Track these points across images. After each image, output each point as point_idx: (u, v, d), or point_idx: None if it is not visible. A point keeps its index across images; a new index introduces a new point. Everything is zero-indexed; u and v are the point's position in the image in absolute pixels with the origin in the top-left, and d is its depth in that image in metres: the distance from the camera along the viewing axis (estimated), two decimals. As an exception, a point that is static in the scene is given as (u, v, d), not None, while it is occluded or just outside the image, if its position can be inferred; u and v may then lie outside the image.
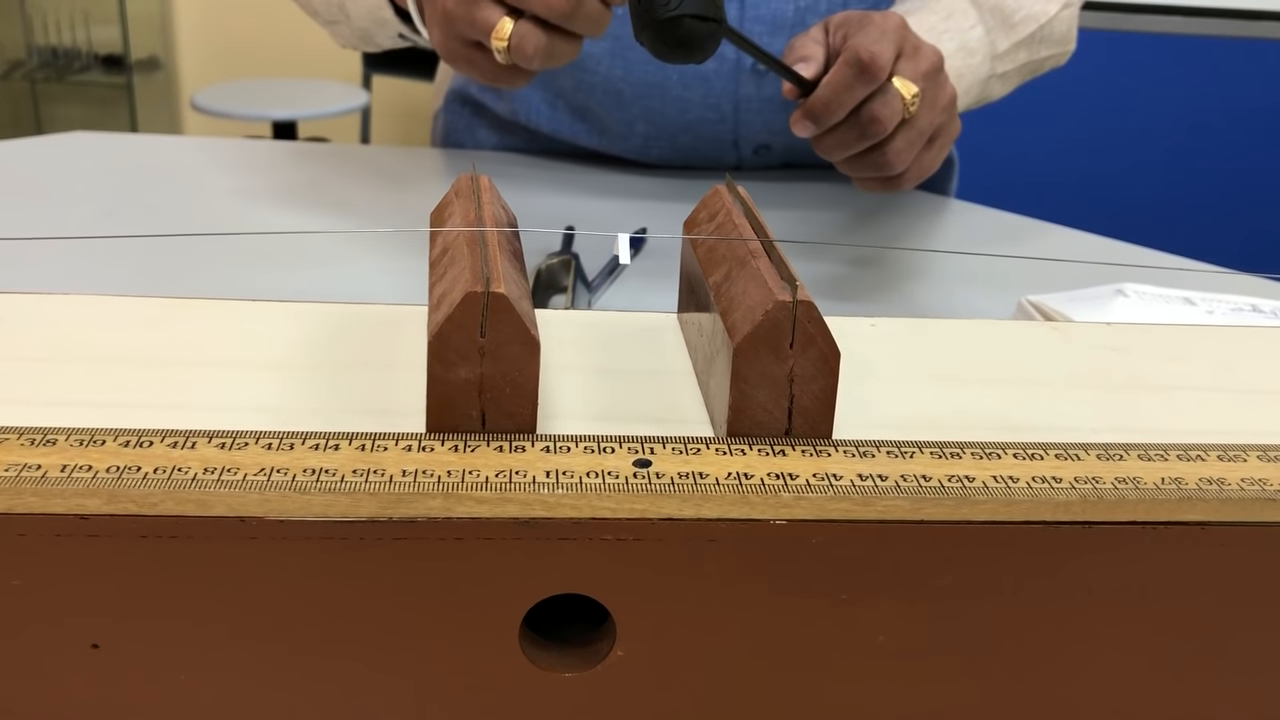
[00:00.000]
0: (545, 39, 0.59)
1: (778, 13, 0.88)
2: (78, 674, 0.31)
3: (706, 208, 0.42)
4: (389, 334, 0.41)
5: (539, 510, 0.30)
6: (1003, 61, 0.84)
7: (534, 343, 0.32)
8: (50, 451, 0.30)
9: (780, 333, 0.33)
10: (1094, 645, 0.33)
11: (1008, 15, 0.84)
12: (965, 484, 0.32)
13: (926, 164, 0.69)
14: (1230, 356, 0.44)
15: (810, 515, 0.31)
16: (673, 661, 0.32)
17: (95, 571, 0.30)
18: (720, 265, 0.37)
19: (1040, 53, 0.87)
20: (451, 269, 0.34)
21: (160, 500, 0.29)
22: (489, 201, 0.40)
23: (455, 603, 0.31)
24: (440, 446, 0.32)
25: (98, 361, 0.38)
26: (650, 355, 0.41)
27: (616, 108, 0.93)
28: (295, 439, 0.31)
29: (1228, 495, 0.32)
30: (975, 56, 0.81)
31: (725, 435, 0.34)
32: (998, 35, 0.83)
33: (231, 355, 0.39)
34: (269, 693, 0.32)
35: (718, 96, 0.91)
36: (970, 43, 0.81)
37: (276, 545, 0.30)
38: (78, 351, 0.39)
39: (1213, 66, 2.18)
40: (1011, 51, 0.84)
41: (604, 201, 0.89)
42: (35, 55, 3.33)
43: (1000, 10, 0.84)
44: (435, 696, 0.32)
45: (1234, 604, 0.33)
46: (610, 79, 0.91)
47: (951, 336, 0.45)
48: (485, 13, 0.60)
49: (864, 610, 0.32)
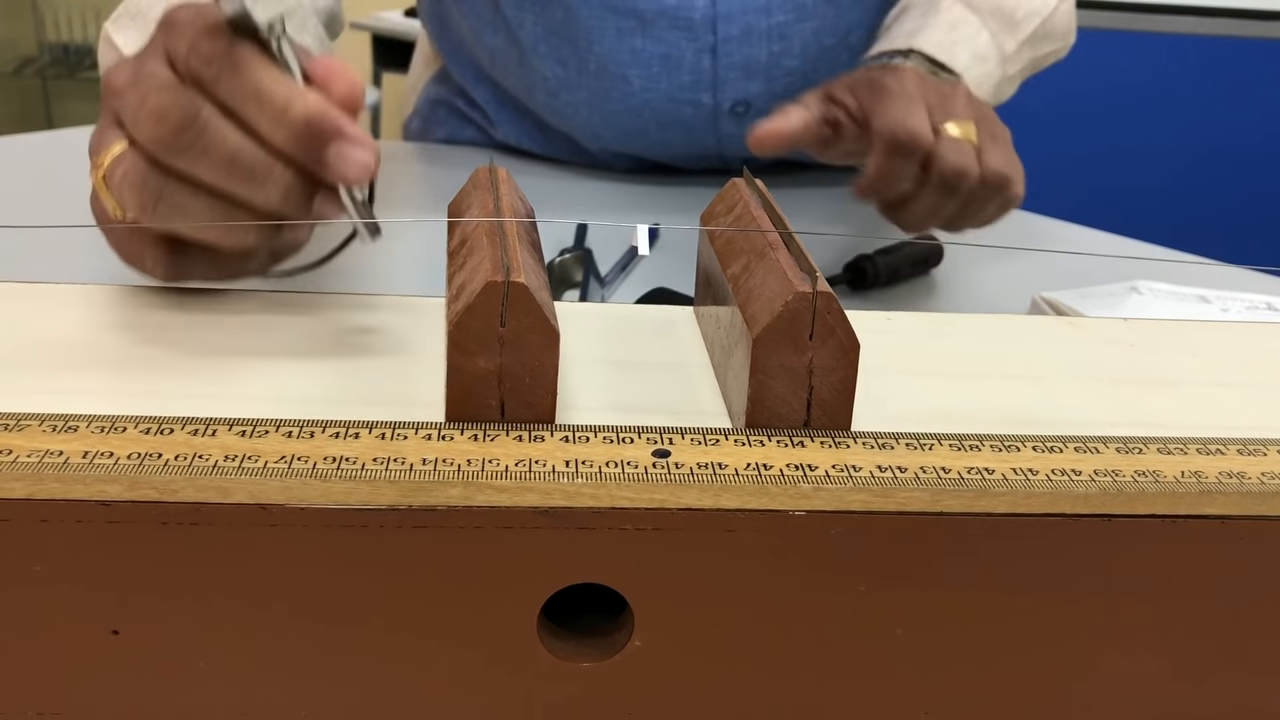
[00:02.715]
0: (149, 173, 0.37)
1: (751, 59, 0.87)
2: (98, 660, 0.31)
3: (724, 200, 0.42)
4: (408, 325, 0.41)
5: (558, 499, 0.30)
6: (1012, 62, 0.84)
7: (554, 333, 0.32)
8: (72, 438, 0.30)
9: (800, 324, 0.32)
10: (1112, 638, 0.33)
11: (1009, 14, 0.83)
12: (985, 476, 0.32)
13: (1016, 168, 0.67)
14: (1245, 352, 0.44)
15: (829, 506, 0.31)
16: (690, 652, 0.32)
17: (116, 558, 0.30)
18: (739, 257, 0.37)
19: (1043, 48, 0.86)
20: (471, 259, 0.34)
21: (181, 487, 0.29)
22: (507, 193, 0.40)
23: (474, 591, 0.31)
24: (460, 436, 0.32)
25: (116, 350, 0.38)
26: (667, 348, 0.41)
27: (596, 142, 0.94)
28: (316, 427, 0.31)
29: (1248, 489, 0.32)
30: (988, 63, 0.81)
31: (744, 426, 0.34)
32: (1004, 37, 0.83)
33: (250, 344, 0.39)
34: (287, 679, 0.32)
35: (700, 135, 0.91)
36: (981, 49, 0.80)
37: (297, 533, 0.30)
38: (96, 340, 0.39)
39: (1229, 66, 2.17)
40: (1019, 51, 0.84)
41: (604, 202, 0.89)
42: (46, 52, 3.34)
43: (1000, 11, 0.83)
44: (454, 685, 0.32)
45: (1253, 597, 0.33)
46: (589, 125, 0.92)
47: (967, 331, 0.44)
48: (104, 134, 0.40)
49: (882, 602, 0.32)
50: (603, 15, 0.85)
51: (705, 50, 0.86)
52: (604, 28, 0.85)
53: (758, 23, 0.86)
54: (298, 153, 0.37)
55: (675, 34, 0.86)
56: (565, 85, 0.89)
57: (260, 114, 0.37)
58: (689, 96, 0.88)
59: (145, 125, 0.37)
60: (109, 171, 0.38)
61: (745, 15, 0.85)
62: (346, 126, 0.38)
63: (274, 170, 0.38)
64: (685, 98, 0.88)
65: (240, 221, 0.38)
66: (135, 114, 0.37)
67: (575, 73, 0.88)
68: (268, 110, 0.37)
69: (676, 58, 0.86)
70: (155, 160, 0.37)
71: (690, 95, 0.88)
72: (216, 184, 0.38)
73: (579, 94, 0.89)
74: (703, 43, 0.86)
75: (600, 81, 0.88)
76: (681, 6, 0.85)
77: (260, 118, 0.37)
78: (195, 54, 0.37)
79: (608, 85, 0.88)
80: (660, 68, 0.87)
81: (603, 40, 0.86)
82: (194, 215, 0.38)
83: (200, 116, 0.37)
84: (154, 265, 0.40)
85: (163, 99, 0.36)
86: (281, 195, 0.38)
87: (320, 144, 0.37)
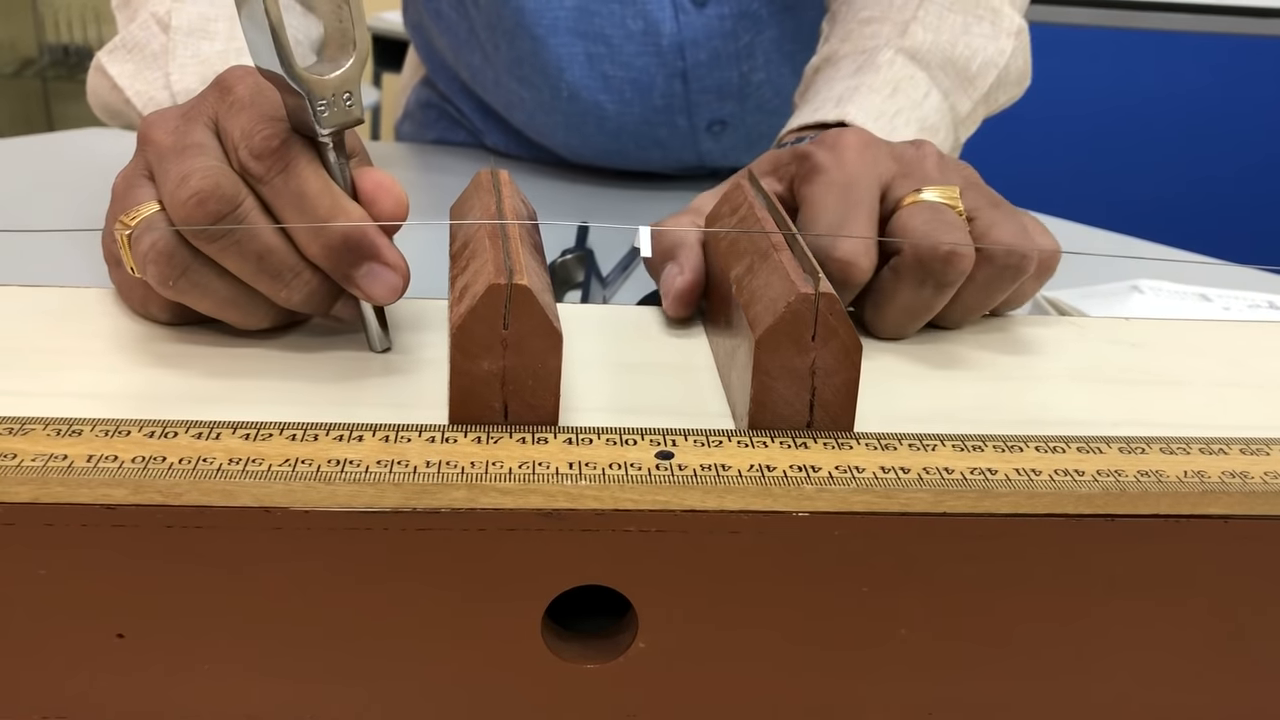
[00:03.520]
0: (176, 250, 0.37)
1: (723, 81, 0.87)
2: (102, 663, 0.31)
3: (729, 202, 0.42)
4: (411, 327, 0.41)
5: (562, 501, 0.30)
6: (965, 126, 0.69)
7: (557, 335, 0.32)
8: (76, 442, 0.30)
9: (802, 325, 0.33)
10: (1116, 638, 0.33)
11: (963, 68, 0.68)
12: (988, 477, 0.32)
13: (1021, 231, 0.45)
14: (1247, 351, 0.44)
15: (832, 508, 0.31)
16: (694, 653, 0.32)
17: (120, 561, 0.30)
18: (742, 258, 0.37)
19: (999, 99, 0.72)
20: (474, 262, 0.34)
21: (185, 490, 0.29)
22: (509, 195, 0.40)
23: (478, 594, 0.31)
24: (463, 438, 0.32)
25: (120, 353, 0.38)
26: (669, 349, 0.41)
27: (579, 160, 0.94)
28: (319, 430, 0.31)
29: (1251, 489, 0.32)
30: (938, 135, 0.65)
31: (746, 428, 0.34)
32: (958, 97, 0.68)
33: (254, 347, 0.39)
34: (291, 682, 0.32)
35: (679, 152, 0.91)
36: (929, 119, 0.65)
37: (301, 536, 0.30)
38: (99, 344, 0.39)
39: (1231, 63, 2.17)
40: (973, 111, 0.69)
41: (598, 205, 0.89)
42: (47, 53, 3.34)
43: (952, 63, 0.68)
44: (457, 687, 0.32)
45: (1256, 597, 0.33)
46: (568, 145, 0.92)
47: (968, 331, 0.44)
48: (134, 184, 0.40)
49: (886, 603, 0.32)
50: (571, 42, 0.84)
51: (676, 75, 0.85)
52: (573, 54, 0.85)
53: (725, 47, 0.85)
54: (329, 265, 0.37)
55: (645, 59, 0.85)
56: (541, 107, 0.89)
57: (300, 221, 0.37)
58: (664, 119, 0.88)
59: (183, 205, 0.36)
60: (136, 236, 0.37)
61: (711, 40, 0.84)
62: (383, 251, 0.37)
63: (302, 274, 0.38)
64: (660, 120, 0.88)
65: (257, 308, 0.39)
66: (174, 190, 0.36)
67: (549, 97, 0.88)
68: (309, 219, 0.37)
69: (647, 83, 0.86)
70: (184, 239, 0.37)
71: (665, 118, 0.88)
72: (242, 275, 0.37)
73: (554, 117, 0.89)
74: (673, 68, 0.85)
75: (574, 106, 0.87)
76: (649, 32, 0.84)
77: (299, 226, 0.37)
78: (247, 142, 0.37)
79: (582, 110, 0.87)
80: (633, 93, 0.86)
81: (573, 68, 0.85)
82: (214, 295, 0.38)
83: (239, 210, 0.36)
84: (159, 314, 0.40)
85: (205, 184, 0.36)
86: (304, 298, 0.38)
87: (355, 261, 0.37)
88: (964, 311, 0.43)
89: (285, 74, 0.35)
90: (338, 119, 0.36)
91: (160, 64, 0.64)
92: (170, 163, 0.38)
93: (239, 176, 0.37)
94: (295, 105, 0.36)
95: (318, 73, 0.35)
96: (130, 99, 0.65)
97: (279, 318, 0.39)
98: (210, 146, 0.38)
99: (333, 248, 0.37)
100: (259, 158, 0.37)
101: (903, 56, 0.66)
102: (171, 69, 0.64)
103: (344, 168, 0.38)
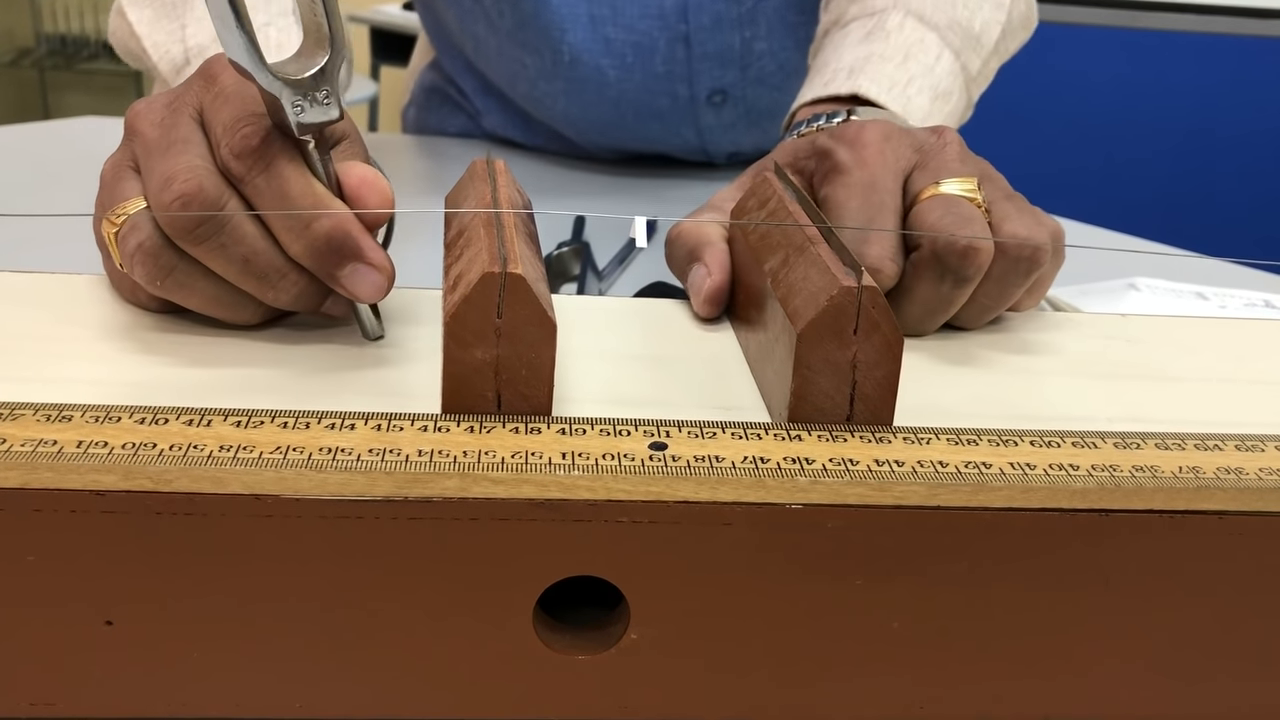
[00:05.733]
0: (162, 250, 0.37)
1: (724, 46, 0.87)
2: (92, 651, 0.31)
3: (756, 195, 0.42)
4: (404, 316, 0.41)
5: (555, 491, 0.30)
6: (978, 83, 0.69)
7: (551, 325, 0.32)
8: (66, 428, 0.30)
9: (844, 318, 0.32)
10: (1110, 633, 0.33)
11: (966, 27, 0.68)
12: (982, 470, 0.31)
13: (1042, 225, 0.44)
14: (1243, 349, 0.44)
15: (826, 500, 0.31)
16: (686, 645, 0.32)
17: (109, 548, 0.30)
18: (776, 251, 0.37)
19: (1010, 45, 0.72)
20: (468, 250, 0.34)
21: (175, 477, 0.29)
22: (504, 184, 0.40)
23: (470, 584, 0.31)
24: (456, 427, 0.32)
25: (111, 339, 0.38)
26: (665, 341, 0.41)
27: (577, 132, 0.93)
28: (311, 418, 0.31)
29: (1246, 484, 0.32)
30: (952, 99, 0.65)
31: (785, 421, 0.33)
32: (969, 56, 0.67)
33: (246, 335, 0.39)
34: (282, 670, 0.32)
35: (678, 126, 0.91)
36: (942, 84, 0.64)
37: (291, 524, 0.30)
38: (91, 330, 0.39)
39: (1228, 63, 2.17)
40: (984, 67, 0.69)
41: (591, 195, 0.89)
42: (44, 43, 3.34)
43: (957, 24, 0.67)
44: (448, 678, 0.32)
45: (1251, 593, 0.33)
46: (568, 116, 0.91)
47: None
48: (121, 177, 0.39)
49: (879, 596, 0.32)
50: (575, 4, 0.85)
51: (678, 39, 0.85)
52: (576, 15, 0.85)
53: (728, 11, 0.85)
54: (313, 265, 0.37)
55: (647, 22, 0.85)
56: (543, 74, 0.89)
57: (283, 221, 0.37)
58: (664, 87, 0.88)
59: (167, 208, 0.36)
60: (122, 235, 0.37)
61: (715, 3, 0.85)
62: (367, 250, 0.37)
63: (288, 275, 0.37)
64: (660, 88, 0.88)
65: (245, 306, 0.38)
66: (159, 191, 0.36)
67: (550, 63, 0.88)
68: (291, 219, 0.36)
69: (649, 46, 0.86)
70: (170, 238, 0.37)
71: (665, 86, 0.88)
72: (228, 277, 0.37)
73: (556, 84, 0.89)
74: (675, 31, 0.85)
75: (575, 71, 0.87)
76: None
77: (282, 225, 0.37)
78: (228, 140, 0.36)
79: (583, 75, 0.87)
80: (634, 57, 0.86)
81: (575, 30, 0.85)
82: (201, 294, 0.38)
83: (223, 212, 0.36)
84: (149, 304, 0.40)
85: (188, 187, 0.36)
86: (292, 298, 0.38)
87: (338, 261, 0.37)
88: (980, 311, 0.43)
89: (254, 72, 0.34)
90: (315, 117, 0.36)
91: (178, 14, 0.65)
92: (155, 160, 0.37)
93: (222, 176, 0.37)
94: (271, 102, 0.36)
95: (290, 71, 0.35)
96: (147, 50, 0.65)
97: (268, 314, 0.39)
98: (195, 141, 0.38)
99: (316, 249, 0.37)
100: (239, 157, 0.36)
101: (912, 19, 0.65)
102: (188, 20, 0.64)
103: (327, 164, 0.37)
